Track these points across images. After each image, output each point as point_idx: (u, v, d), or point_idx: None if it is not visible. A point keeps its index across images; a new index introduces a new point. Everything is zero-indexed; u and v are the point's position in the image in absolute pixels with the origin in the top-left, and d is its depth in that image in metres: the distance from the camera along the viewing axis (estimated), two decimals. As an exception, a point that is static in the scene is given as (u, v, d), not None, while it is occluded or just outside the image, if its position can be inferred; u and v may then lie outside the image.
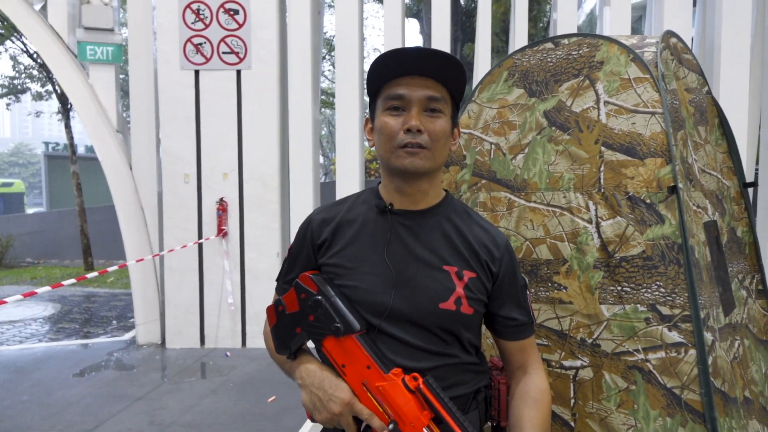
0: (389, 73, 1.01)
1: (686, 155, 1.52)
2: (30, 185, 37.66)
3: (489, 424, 1.10)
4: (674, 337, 1.25)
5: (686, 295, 1.25)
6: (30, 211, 24.19)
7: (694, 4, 4.71)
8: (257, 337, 5.01)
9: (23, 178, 38.24)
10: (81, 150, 17.91)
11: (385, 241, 1.05)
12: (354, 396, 0.95)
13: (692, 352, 1.23)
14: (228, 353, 4.83)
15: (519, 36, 4.72)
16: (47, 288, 3.35)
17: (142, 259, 4.59)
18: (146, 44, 4.90)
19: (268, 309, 1.07)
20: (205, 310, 4.97)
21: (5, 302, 2.78)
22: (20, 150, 45.16)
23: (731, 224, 1.84)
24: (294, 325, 1.01)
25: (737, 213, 1.91)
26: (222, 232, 4.80)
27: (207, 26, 4.66)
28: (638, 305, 1.29)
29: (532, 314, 1.13)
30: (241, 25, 4.67)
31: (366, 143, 5.47)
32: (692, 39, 4.86)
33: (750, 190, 2.08)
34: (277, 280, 1.18)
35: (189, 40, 4.67)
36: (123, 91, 9.09)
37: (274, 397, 3.78)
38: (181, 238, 4.81)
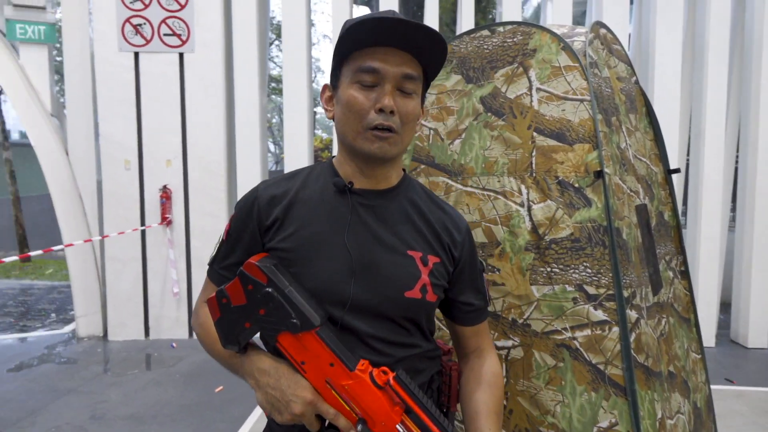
0: (365, 39, 0.90)
1: (620, 141, 1.58)
2: (-41, 173, 35.36)
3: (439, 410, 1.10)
4: (599, 315, 1.31)
5: (611, 275, 1.31)
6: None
7: (631, 1, 4.90)
8: (204, 328, 4.91)
9: (-48, 165, 35.84)
10: (15, 136, 16.95)
11: (345, 223, 0.96)
12: (317, 394, 0.86)
13: (615, 329, 1.29)
14: (174, 344, 4.72)
15: (466, 26, 4.76)
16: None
17: (71, 244, 4.39)
18: (81, 24, 4.66)
19: (209, 300, 0.92)
20: (149, 301, 4.84)
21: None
22: (-52, 135, 42.25)
23: (659, 208, 1.93)
24: (242, 320, 0.89)
25: (664, 198, 2.01)
26: (166, 220, 4.67)
27: (146, 6, 4.48)
28: (566, 285, 1.34)
29: (488, 298, 1.12)
30: (183, 6, 4.51)
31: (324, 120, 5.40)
32: (629, 34, 5.05)
33: (674, 176, 2.19)
34: (211, 264, 1.04)
35: (128, 20, 4.48)
36: (59, 74, 8.66)
37: (221, 387, 3.73)
38: (123, 227, 4.65)
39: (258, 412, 3.36)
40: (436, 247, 1.01)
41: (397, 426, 0.82)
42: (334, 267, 0.93)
